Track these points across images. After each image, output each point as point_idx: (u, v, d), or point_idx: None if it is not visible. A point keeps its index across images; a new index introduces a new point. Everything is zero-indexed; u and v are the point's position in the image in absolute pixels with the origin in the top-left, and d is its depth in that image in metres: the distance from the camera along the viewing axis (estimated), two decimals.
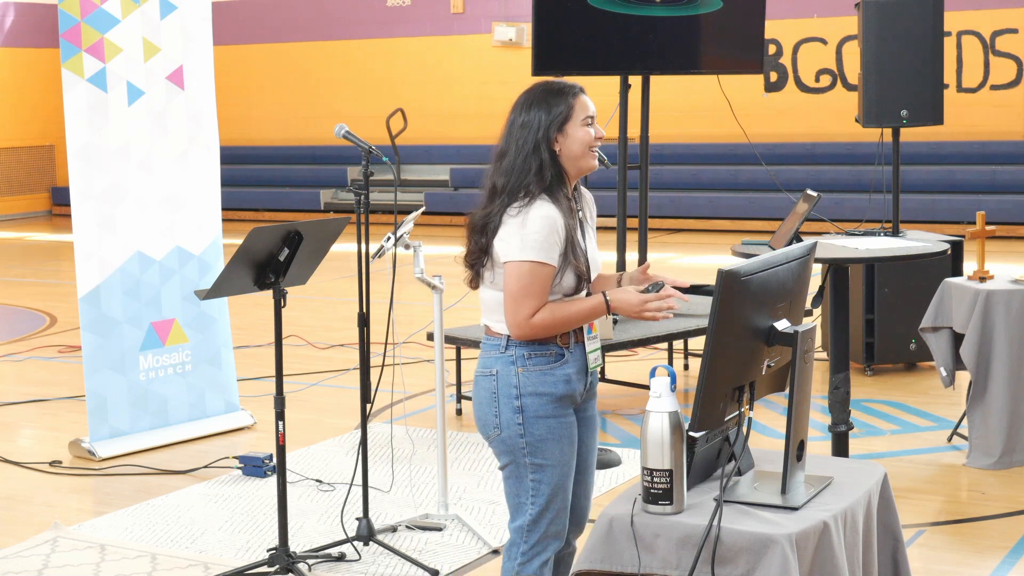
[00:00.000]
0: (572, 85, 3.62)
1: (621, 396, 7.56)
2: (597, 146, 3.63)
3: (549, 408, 3.58)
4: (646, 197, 7.98)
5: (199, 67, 6.87)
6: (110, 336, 6.56)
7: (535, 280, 3.49)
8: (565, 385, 3.59)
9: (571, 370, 3.61)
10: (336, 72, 19.24)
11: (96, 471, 6.33)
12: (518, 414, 3.58)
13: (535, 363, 3.58)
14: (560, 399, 3.59)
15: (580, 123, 3.57)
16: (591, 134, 3.59)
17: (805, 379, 3.23)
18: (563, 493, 3.64)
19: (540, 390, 3.57)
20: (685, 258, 13.76)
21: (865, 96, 7.39)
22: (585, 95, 3.62)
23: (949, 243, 5.92)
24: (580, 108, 3.58)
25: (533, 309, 3.50)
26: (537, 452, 3.59)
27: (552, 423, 3.59)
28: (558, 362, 3.59)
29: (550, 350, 3.57)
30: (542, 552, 3.64)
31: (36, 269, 14.36)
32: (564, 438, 3.61)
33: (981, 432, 6.04)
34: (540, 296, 3.50)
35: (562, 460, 3.61)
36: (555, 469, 3.61)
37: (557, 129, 3.55)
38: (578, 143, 3.57)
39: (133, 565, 5.03)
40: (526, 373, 3.57)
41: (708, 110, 15.56)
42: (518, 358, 3.58)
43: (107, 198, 6.54)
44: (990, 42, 15.60)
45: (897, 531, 3.46)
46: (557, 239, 3.50)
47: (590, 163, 3.61)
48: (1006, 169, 15.24)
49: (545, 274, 3.49)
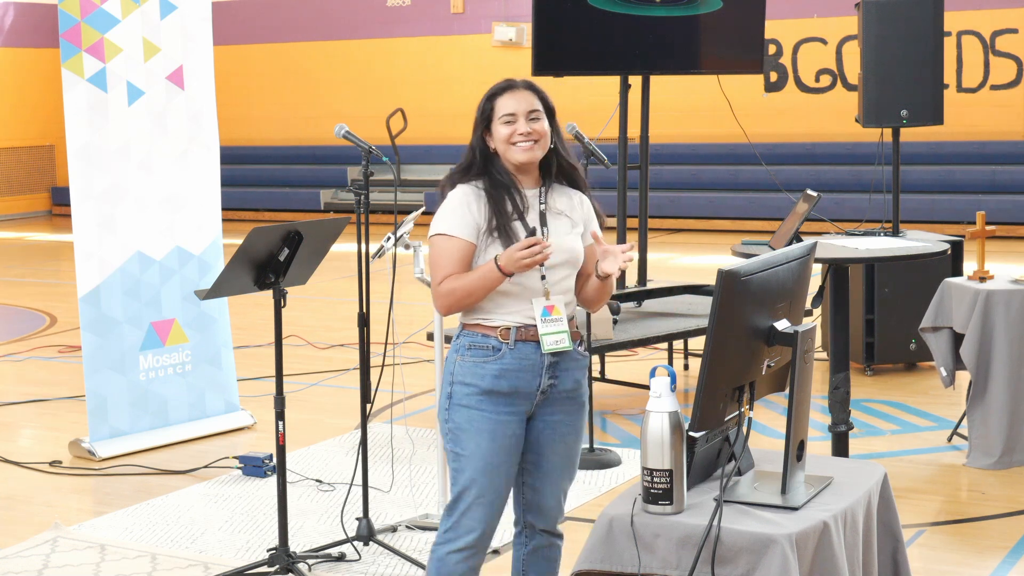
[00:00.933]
0: (504, 83, 3.76)
1: (621, 396, 7.56)
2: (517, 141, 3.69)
3: (472, 399, 3.63)
4: (646, 197, 7.98)
5: (199, 67, 6.87)
6: (110, 336, 6.56)
7: (441, 252, 3.64)
8: (494, 380, 3.62)
9: (505, 367, 3.63)
10: (336, 72, 19.25)
11: (96, 471, 6.33)
12: (447, 399, 3.69)
13: (472, 354, 3.65)
14: (486, 392, 3.62)
15: (499, 121, 3.69)
16: (505, 131, 3.68)
17: (805, 379, 3.23)
18: (478, 489, 3.65)
19: (467, 380, 3.64)
20: (685, 258, 13.76)
21: (865, 96, 7.39)
22: (517, 92, 3.73)
23: (949, 243, 5.92)
24: (500, 107, 3.71)
25: (440, 278, 3.63)
26: (455, 440, 3.67)
27: (473, 415, 3.63)
28: (494, 356, 3.63)
29: (488, 343, 3.64)
30: (454, 540, 3.68)
31: (36, 269, 14.36)
32: (483, 432, 3.63)
33: (981, 432, 6.04)
34: (446, 267, 3.62)
35: (478, 454, 3.64)
36: (471, 462, 3.64)
37: (485, 128, 3.73)
38: (498, 140, 3.70)
39: (133, 565, 5.03)
40: (462, 362, 3.66)
41: (708, 110, 15.55)
42: (461, 347, 3.68)
43: (107, 198, 6.54)
44: (990, 42, 15.60)
45: (897, 531, 3.46)
46: (468, 213, 3.63)
47: (514, 157, 3.69)
48: (1006, 169, 15.24)
49: (451, 247, 3.63)
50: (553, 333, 3.65)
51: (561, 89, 16.69)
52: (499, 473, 3.66)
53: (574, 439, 3.79)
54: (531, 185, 3.76)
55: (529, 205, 3.72)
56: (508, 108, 3.70)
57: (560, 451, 3.75)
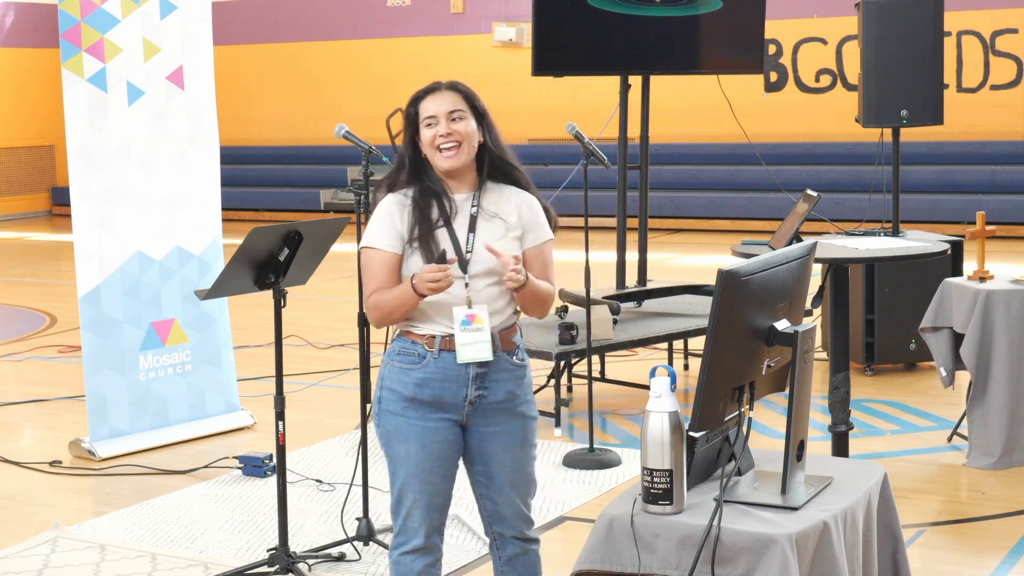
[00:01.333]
0: (429, 87, 3.71)
1: (621, 396, 7.56)
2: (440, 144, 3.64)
3: (397, 405, 3.63)
4: (646, 197, 7.98)
5: (199, 67, 6.87)
6: (110, 336, 6.56)
7: (367, 265, 3.65)
8: (416, 388, 3.60)
9: (428, 375, 3.60)
10: (336, 72, 19.25)
11: (96, 471, 6.33)
12: (377, 404, 3.69)
13: (400, 360, 3.64)
14: (409, 400, 3.61)
15: (423, 125, 3.66)
16: (430, 135, 3.64)
17: (805, 379, 3.23)
18: (414, 493, 3.64)
19: (392, 386, 3.64)
20: (685, 258, 13.76)
21: (865, 96, 7.39)
22: (438, 93, 3.68)
23: (949, 243, 5.92)
24: (423, 110, 3.67)
25: (369, 291, 3.63)
26: (386, 444, 3.68)
27: (400, 421, 3.63)
28: (419, 363, 3.61)
29: (415, 350, 3.63)
30: (404, 543, 3.68)
31: (36, 269, 14.36)
32: (411, 439, 3.62)
33: (981, 432, 6.04)
34: (373, 280, 3.62)
35: (409, 460, 3.63)
36: (402, 467, 3.65)
37: (413, 132, 3.69)
38: (425, 145, 3.66)
39: (133, 565, 5.03)
40: (390, 367, 3.66)
41: (708, 110, 15.55)
42: (392, 352, 3.68)
43: (107, 198, 6.54)
44: (990, 42, 15.60)
45: (897, 531, 3.46)
46: (392, 223, 3.61)
47: (438, 162, 3.64)
48: (1006, 169, 15.24)
49: (376, 259, 3.62)
50: (471, 343, 3.58)
51: (561, 89, 16.77)
52: (433, 477, 3.65)
53: (520, 450, 3.72)
54: (467, 188, 3.69)
55: (459, 210, 3.65)
56: (430, 111, 3.65)
57: (507, 462, 3.70)
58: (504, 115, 3.74)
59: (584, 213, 6.29)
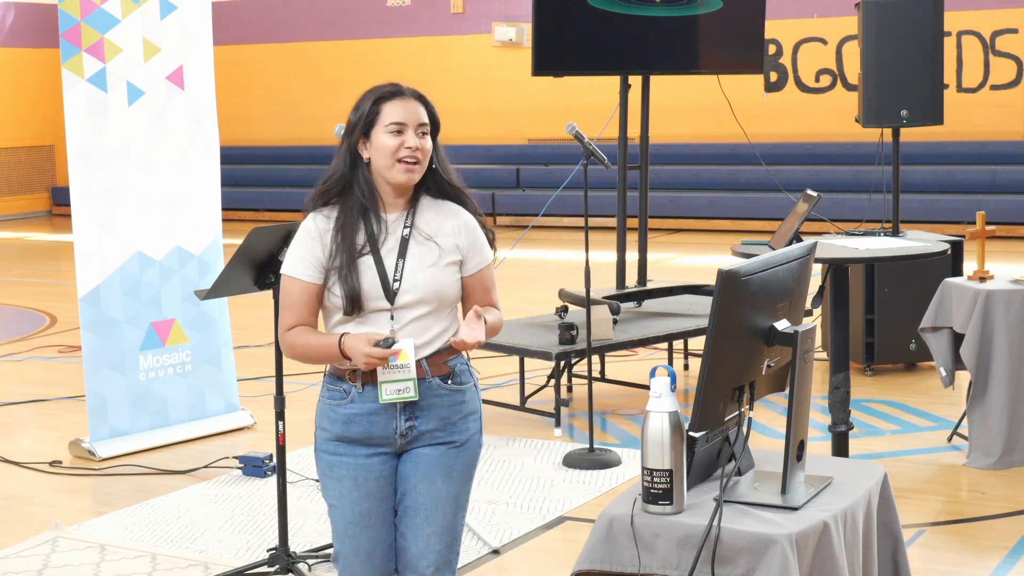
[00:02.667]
0: (394, 88, 3.35)
1: (621, 396, 7.56)
2: (405, 157, 3.29)
3: (329, 444, 3.38)
4: (646, 197, 7.98)
5: (199, 67, 6.87)
6: (110, 336, 6.56)
7: (285, 294, 3.33)
8: (343, 425, 3.35)
9: (354, 411, 3.34)
10: (336, 72, 19.24)
11: (96, 471, 6.33)
12: (314, 445, 3.47)
13: (328, 396, 3.40)
14: (338, 438, 3.37)
15: (385, 129, 3.29)
16: (391, 143, 3.28)
17: (805, 379, 3.23)
18: (352, 542, 3.38)
19: (323, 424, 3.41)
20: (685, 258, 13.76)
21: (865, 96, 7.39)
22: (408, 100, 3.32)
23: (949, 243, 5.91)
24: (390, 112, 3.29)
25: (286, 325, 3.33)
26: (323, 488, 3.44)
27: (333, 461, 3.38)
28: (344, 400, 3.36)
29: (341, 386, 3.37)
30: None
31: (36, 269, 14.36)
32: (344, 479, 3.37)
33: (981, 432, 6.04)
34: (292, 311, 3.31)
35: (344, 502, 3.37)
36: (336, 509, 3.40)
37: (362, 133, 3.31)
38: (381, 152, 3.29)
39: (133, 565, 5.03)
40: (321, 404, 3.42)
41: (708, 110, 15.54)
42: (323, 387, 3.43)
43: (107, 198, 6.54)
44: (990, 42, 15.60)
45: (897, 531, 3.46)
46: (311, 253, 3.28)
47: (395, 176, 3.29)
48: (1006, 169, 15.23)
49: (295, 288, 3.31)
50: (394, 381, 3.29)
51: (561, 89, 16.75)
52: (370, 521, 3.38)
53: (442, 482, 3.39)
54: (402, 205, 3.35)
55: (390, 231, 3.32)
56: (397, 116, 3.29)
57: (423, 491, 3.38)
58: (504, 115, 3.69)
59: (584, 213, 6.29)
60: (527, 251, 13.95)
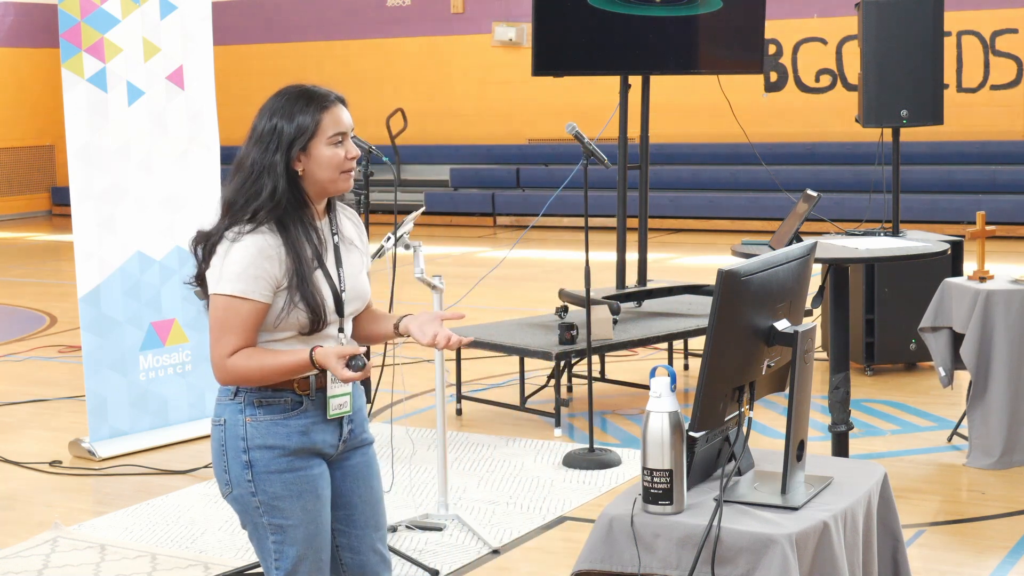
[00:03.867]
0: (326, 95, 3.18)
1: (621, 396, 7.56)
2: (350, 168, 3.18)
3: (281, 462, 3.17)
4: (646, 197, 7.98)
5: (199, 67, 6.87)
6: (110, 336, 6.57)
7: (230, 316, 3.09)
8: (300, 437, 3.18)
9: (310, 420, 3.20)
10: (336, 72, 19.24)
11: (96, 471, 6.33)
12: (247, 470, 3.17)
13: (266, 412, 3.16)
14: (295, 452, 3.18)
15: (327, 141, 3.14)
16: (339, 155, 3.15)
17: (805, 379, 3.23)
18: (313, 554, 3.22)
19: (269, 442, 3.16)
20: (685, 258, 13.76)
21: (865, 96, 7.39)
22: (341, 107, 3.18)
23: (949, 243, 5.91)
24: (330, 123, 3.14)
25: (230, 348, 3.10)
26: (274, 511, 3.18)
27: (289, 478, 3.17)
28: (294, 411, 3.18)
29: (284, 397, 3.17)
30: None
31: (36, 269, 14.36)
32: (306, 493, 3.20)
33: (981, 432, 6.04)
34: (239, 333, 3.09)
35: (306, 519, 3.20)
36: (298, 529, 3.19)
37: (300, 148, 3.13)
38: (323, 165, 3.14)
39: (133, 565, 5.03)
40: (255, 423, 3.16)
41: (708, 110, 15.54)
42: (247, 406, 3.17)
43: (107, 198, 6.55)
44: (990, 42, 15.60)
45: (897, 531, 3.46)
46: (263, 271, 3.08)
47: (340, 186, 3.18)
48: (1006, 169, 15.24)
49: (245, 310, 3.09)
50: (337, 396, 3.23)
51: (561, 89, 16.74)
52: (325, 535, 3.26)
53: (376, 480, 3.39)
54: (322, 213, 3.24)
55: (325, 241, 3.22)
56: (339, 126, 3.16)
57: (366, 496, 3.35)
58: (504, 115, 3.67)
59: (584, 213, 6.29)
60: (527, 251, 13.95)
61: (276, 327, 3.16)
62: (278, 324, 3.15)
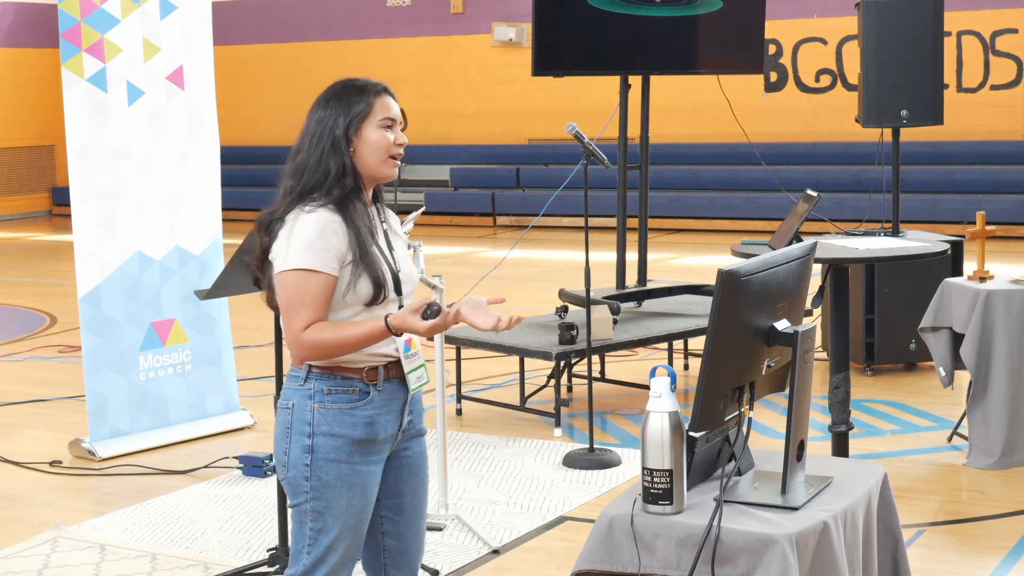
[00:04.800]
0: (375, 84, 3.33)
1: (621, 396, 7.56)
2: (398, 154, 3.32)
3: (342, 452, 3.23)
4: (646, 197, 7.98)
5: (199, 67, 6.87)
6: (110, 336, 6.56)
7: (301, 290, 3.16)
8: (366, 428, 3.25)
9: (376, 411, 3.26)
10: (336, 72, 19.13)
11: (96, 471, 6.33)
12: (307, 454, 3.24)
13: (334, 400, 3.24)
14: (358, 443, 3.24)
15: (377, 124, 3.28)
16: (388, 139, 3.29)
17: (805, 379, 3.23)
18: (343, 550, 3.28)
19: (335, 431, 3.23)
20: (685, 258, 13.76)
21: (865, 96, 7.39)
22: (389, 96, 3.33)
23: (949, 243, 5.91)
24: (380, 108, 3.29)
25: (304, 322, 3.17)
26: (320, 497, 3.25)
27: (344, 469, 3.23)
28: (361, 401, 3.25)
29: (353, 387, 3.24)
30: None
31: (36, 269, 14.36)
32: (355, 487, 3.26)
33: (981, 432, 6.04)
34: (311, 307, 3.16)
35: (348, 512, 3.26)
36: (337, 521, 3.25)
37: (354, 129, 3.27)
38: (372, 147, 3.28)
39: (133, 565, 5.03)
40: (323, 410, 3.23)
41: (708, 110, 15.57)
42: (316, 393, 3.24)
43: (107, 198, 6.54)
44: (990, 42, 15.60)
45: (897, 531, 3.46)
46: (330, 245, 3.17)
47: (387, 171, 3.31)
48: (1006, 169, 15.24)
49: (315, 283, 3.16)
50: (416, 369, 3.33)
51: (561, 89, 16.70)
52: (363, 529, 3.33)
53: (426, 470, 3.48)
54: (368, 201, 3.35)
55: (376, 225, 3.34)
56: (389, 112, 3.31)
57: (416, 486, 3.43)
58: (504, 115, 3.68)
59: (584, 213, 6.29)
60: (527, 251, 13.95)
61: (343, 302, 3.23)
62: (344, 299, 3.22)
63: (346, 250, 3.20)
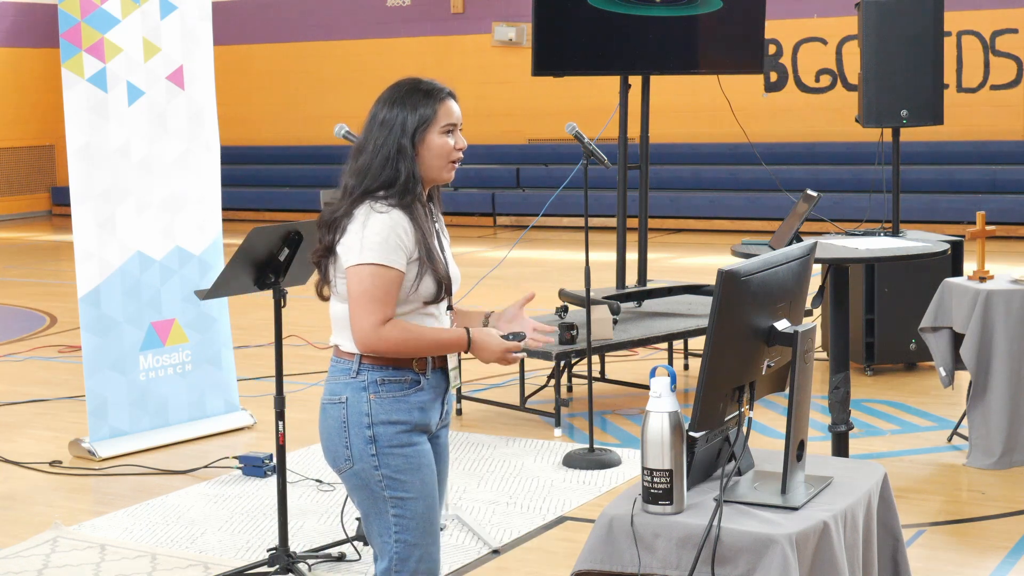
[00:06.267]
0: (441, 88, 3.38)
1: (621, 396, 7.56)
2: (458, 159, 3.37)
3: (403, 437, 3.31)
4: (646, 197, 7.98)
5: (199, 67, 6.87)
6: (110, 336, 6.56)
7: (378, 284, 3.22)
8: (420, 413, 3.34)
9: (426, 397, 3.35)
10: (336, 72, 19.25)
11: (96, 471, 6.33)
12: (371, 444, 3.31)
13: (388, 389, 3.31)
14: (415, 427, 3.34)
15: (440, 130, 3.33)
16: (450, 144, 3.34)
17: (805, 379, 3.23)
18: (430, 527, 3.36)
19: (394, 418, 3.31)
20: (685, 258, 13.76)
21: (865, 96, 7.39)
22: (453, 101, 3.38)
23: (949, 243, 5.91)
24: (444, 114, 3.34)
25: (381, 317, 3.22)
26: (396, 485, 3.32)
27: (410, 452, 3.32)
28: (412, 389, 3.33)
29: (405, 376, 3.32)
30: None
31: (36, 269, 14.36)
32: (424, 467, 3.35)
33: (981, 432, 6.04)
34: (386, 302, 3.23)
35: (425, 491, 3.35)
36: (419, 501, 3.33)
37: (419, 136, 3.30)
38: (434, 152, 3.32)
39: (133, 565, 5.03)
40: (379, 400, 3.30)
41: (708, 110, 15.56)
42: (370, 384, 3.31)
43: (107, 198, 6.54)
44: (990, 42, 15.60)
45: (897, 531, 3.46)
46: (402, 243, 3.24)
47: (446, 176, 3.37)
48: (1006, 169, 15.24)
49: (389, 278, 3.22)
50: (455, 368, 3.45)
51: (561, 89, 16.73)
52: (436, 505, 3.42)
53: (448, 458, 3.60)
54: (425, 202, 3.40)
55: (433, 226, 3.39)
56: (452, 117, 3.37)
57: (443, 473, 3.55)
58: (504, 115, 3.67)
59: (584, 213, 6.29)
60: (527, 251, 13.95)
61: (406, 300, 3.29)
62: (408, 297, 3.28)
63: (413, 250, 3.26)
